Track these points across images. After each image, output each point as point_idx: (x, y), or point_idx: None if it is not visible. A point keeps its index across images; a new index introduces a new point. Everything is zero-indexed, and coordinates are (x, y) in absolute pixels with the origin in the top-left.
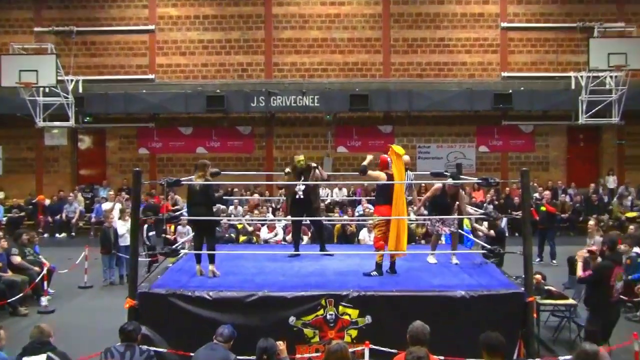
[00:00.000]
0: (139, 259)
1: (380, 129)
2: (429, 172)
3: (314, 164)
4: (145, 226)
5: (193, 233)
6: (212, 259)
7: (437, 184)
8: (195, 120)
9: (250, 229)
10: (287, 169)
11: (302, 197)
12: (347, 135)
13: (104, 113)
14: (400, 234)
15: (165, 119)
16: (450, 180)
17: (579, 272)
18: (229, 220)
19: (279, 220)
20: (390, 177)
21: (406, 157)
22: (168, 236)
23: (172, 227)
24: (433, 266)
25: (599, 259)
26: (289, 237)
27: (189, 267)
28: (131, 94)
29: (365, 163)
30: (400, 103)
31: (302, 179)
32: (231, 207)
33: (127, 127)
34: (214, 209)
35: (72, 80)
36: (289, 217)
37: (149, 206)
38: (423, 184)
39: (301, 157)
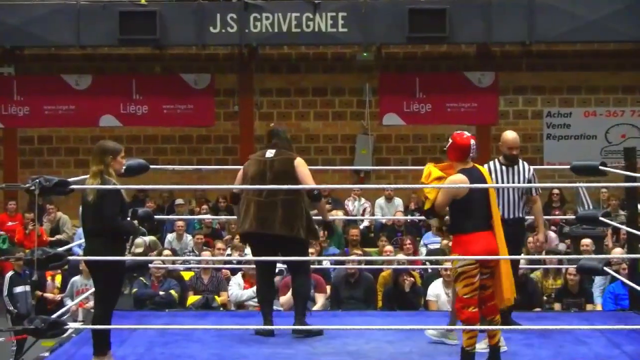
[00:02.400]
0: None
1: (469, 78)
2: (568, 166)
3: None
4: (9, 275)
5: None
6: (97, 344)
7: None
8: (97, 62)
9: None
10: None
11: None
12: (404, 91)
13: None
14: (506, 287)
15: (35, 59)
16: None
17: None
18: (164, 262)
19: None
20: (477, 176)
21: (510, 135)
22: (48, 295)
23: (58, 277)
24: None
25: None
26: (284, 298)
27: (83, 357)
28: None
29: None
30: (510, 26)
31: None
32: (170, 237)
33: None
34: (140, 240)
35: None
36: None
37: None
38: (556, 191)
39: None
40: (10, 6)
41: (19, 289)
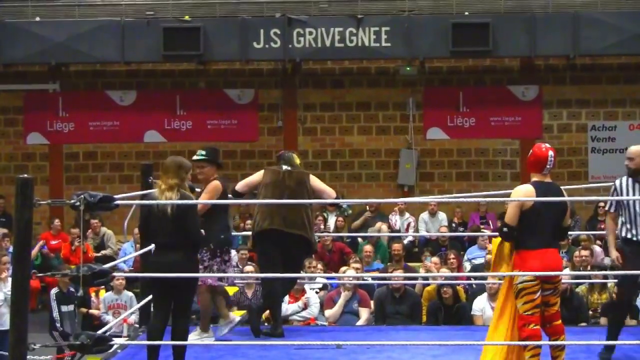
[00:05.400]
0: (32, 358)
1: (513, 91)
2: (613, 180)
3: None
4: (54, 293)
5: (145, 301)
6: (181, 355)
7: None
8: (141, 78)
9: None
10: None
11: None
12: (447, 105)
13: None
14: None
15: (80, 75)
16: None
17: None
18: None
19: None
20: (552, 190)
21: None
22: (93, 311)
23: (102, 292)
24: None
25: None
26: (329, 312)
27: None
28: (12, 25)
29: None
30: (554, 40)
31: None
32: None
33: (4, 93)
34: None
35: None
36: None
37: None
38: (602, 205)
39: None
40: (55, 23)
41: (64, 308)
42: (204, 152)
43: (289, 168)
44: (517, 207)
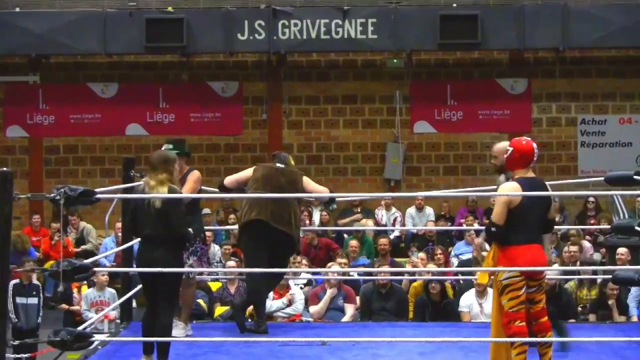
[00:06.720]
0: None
1: (502, 84)
2: (603, 174)
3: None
4: (12, 283)
5: (126, 297)
6: (163, 350)
7: None
8: (123, 70)
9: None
10: None
11: None
12: (435, 99)
13: None
14: None
15: (61, 67)
16: None
17: None
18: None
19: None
20: (536, 185)
21: None
22: (74, 307)
23: (85, 288)
24: None
25: None
26: (313, 308)
27: None
28: None
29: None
30: (543, 33)
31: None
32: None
33: None
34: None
35: None
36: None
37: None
38: (591, 200)
39: None
40: (36, 14)
41: (19, 300)
42: (171, 146)
43: (283, 166)
44: (505, 205)
